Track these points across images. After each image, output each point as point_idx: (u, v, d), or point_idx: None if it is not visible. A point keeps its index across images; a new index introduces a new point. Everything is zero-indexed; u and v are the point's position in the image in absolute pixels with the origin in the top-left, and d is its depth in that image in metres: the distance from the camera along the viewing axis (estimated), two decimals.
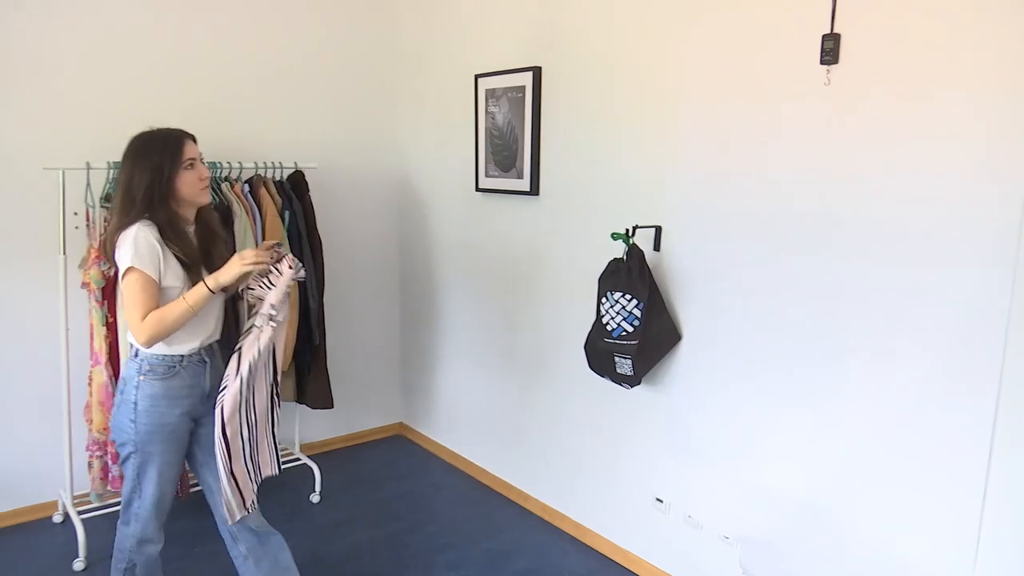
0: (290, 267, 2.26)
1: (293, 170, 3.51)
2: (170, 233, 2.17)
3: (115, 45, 3.27)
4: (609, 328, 2.62)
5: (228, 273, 2.17)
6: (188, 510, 3.37)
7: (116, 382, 3.04)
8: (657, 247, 2.71)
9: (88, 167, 2.99)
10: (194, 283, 2.17)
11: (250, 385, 2.26)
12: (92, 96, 3.23)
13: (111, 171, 3.00)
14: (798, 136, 2.26)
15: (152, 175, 2.17)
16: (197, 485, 3.43)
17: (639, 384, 2.69)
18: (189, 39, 3.45)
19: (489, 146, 3.46)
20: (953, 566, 2.01)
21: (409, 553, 3.14)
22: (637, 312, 2.55)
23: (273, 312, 2.25)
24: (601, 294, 2.66)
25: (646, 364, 2.64)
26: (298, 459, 3.77)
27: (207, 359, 2.34)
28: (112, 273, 2.96)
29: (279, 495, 3.60)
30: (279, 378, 2.41)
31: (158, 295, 2.14)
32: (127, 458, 2.27)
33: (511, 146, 3.32)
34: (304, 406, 3.64)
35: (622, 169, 2.84)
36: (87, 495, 3.18)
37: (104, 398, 3.04)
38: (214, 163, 3.25)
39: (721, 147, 2.47)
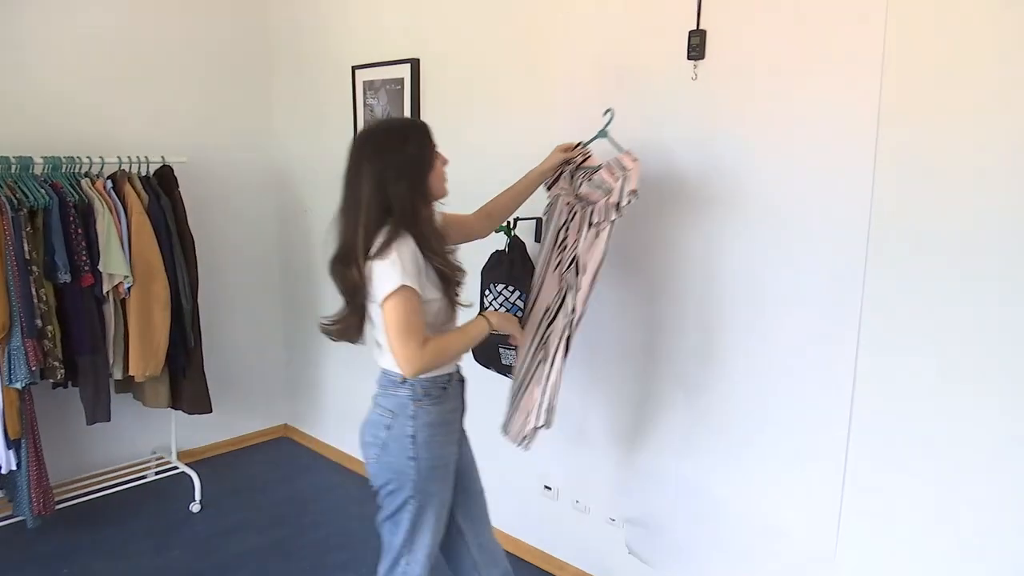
0: (635, 159, 2.08)
1: (160, 164, 3.33)
2: (431, 243, 1.89)
3: None
4: None
5: (508, 327, 2.03)
6: (53, 529, 3.16)
7: None
8: (539, 239, 2.74)
9: None
10: (450, 298, 1.94)
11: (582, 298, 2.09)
12: None
13: None
14: (670, 130, 2.33)
15: (413, 174, 1.87)
16: (63, 502, 3.22)
17: None
18: (38, 19, 3.22)
19: None
20: (818, 532, 2.15)
21: (298, 558, 3.06)
22: (520, 303, 2.57)
23: (626, 201, 2.05)
24: (484, 286, 2.66)
25: None
26: (175, 467, 3.60)
27: (464, 376, 2.13)
28: None
29: (156, 506, 3.43)
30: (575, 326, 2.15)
31: None
32: (402, 506, 1.99)
33: None
34: (180, 412, 3.47)
35: (502, 161, 2.85)
36: None
37: None
38: (72, 158, 3.05)
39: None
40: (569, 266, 2.19)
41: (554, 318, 2.22)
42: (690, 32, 2.22)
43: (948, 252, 1.84)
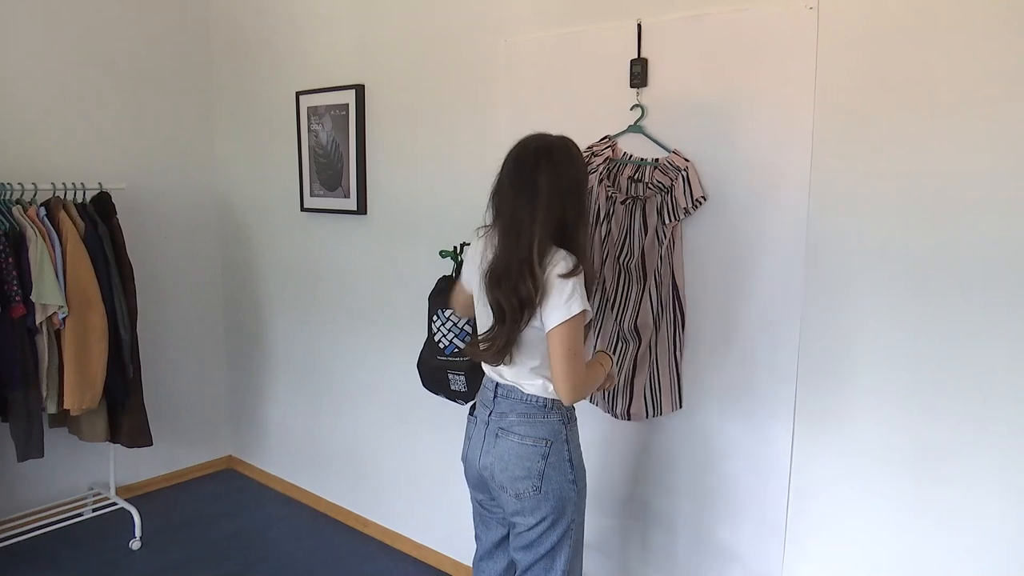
0: (686, 159, 2.15)
1: (97, 191, 3.25)
2: (589, 262, 1.91)
3: None
4: (441, 346, 2.61)
5: (615, 370, 2.14)
6: None
7: None
8: None
9: None
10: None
11: None
12: None
13: None
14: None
15: (585, 194, 1.89)
16: None
17: (474, 399, 2.71)
18: None
19: (313, 165, 3.38)
20: (766, 552, 2.18)
21: None
22: (468, 328, 2.56)
23: (694, 206, 2.17)
24: (432, 312, 2.65)
25: (479, 379, 2.64)
26: (114, 503, 3.48)
27: None
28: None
29: (94, 545, 3.30)
30: None
31: None
32: (563, 536, 1.93)
33: (336, 165, 3.26)
34: (119, 445, 3.36)
35: (449, 186, 2.87)
36: None
37: None
38: (2, 184, 2.95)
39: None
40: (629, 257, 2.27)
41: (622, 305, 2.30)
42: (632, 61, 2.27)
43: (879, 269, 1.90)
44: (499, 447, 1.95)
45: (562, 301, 1.76)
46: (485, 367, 2.05)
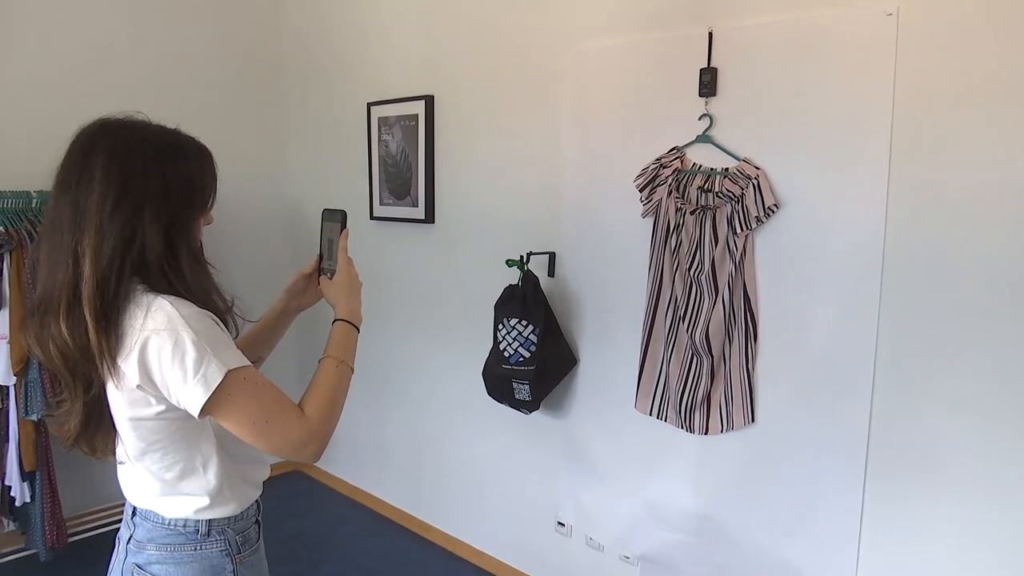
0: (757, 167, 2.15)
1: None
2: (217, 302, 1.40)
3: None
4: (506, 354, 2.63)
5: (357, 304, 1.57)
6: (66, 561, 3.14)
7: None
8: (552, 273, 2.75)
9: None
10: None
11: None
12: None
13: None
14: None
15: (187, 204, 1.38)
16: (76, 534, 3.21)
17: (537, 409, 2.72)
18: (22, 43, 3.26)
19: (383, 174, 3.44)
20: (837, 569, 2.11)
21: None
22: (533, 338, 2.58)
23: (766, 215, 2.16)
24: (497, 321, 2.67)
25: (544, 389, 2.66)
26: None
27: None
28: None
29: None
30: None
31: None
32: None
33: (405, 174, 3.32)
34: None
35: (516, 196, 2.88)
36: None
37: None
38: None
39: (610, 176, 2.54)
40: (699, 269, 2.27)
41: (693, 318, 2.30)
42: (701, 70, 2.25)
43: (964, 284, 1.84)
44: None
45: (188, 377, 1.18)
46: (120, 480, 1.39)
